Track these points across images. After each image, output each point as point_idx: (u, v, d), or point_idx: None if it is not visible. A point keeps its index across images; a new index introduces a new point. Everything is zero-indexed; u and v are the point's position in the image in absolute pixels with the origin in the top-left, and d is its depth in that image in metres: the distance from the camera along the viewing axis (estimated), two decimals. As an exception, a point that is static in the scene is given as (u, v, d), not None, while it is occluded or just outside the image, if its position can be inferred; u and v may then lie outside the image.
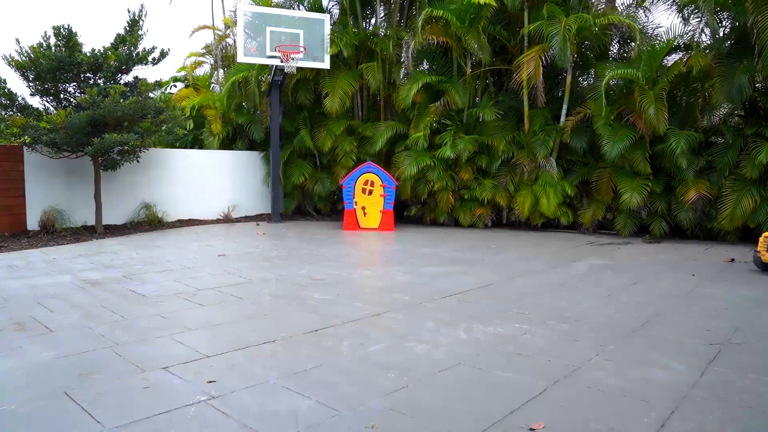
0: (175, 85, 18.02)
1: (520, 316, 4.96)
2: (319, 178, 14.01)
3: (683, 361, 3.80)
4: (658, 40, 10.96)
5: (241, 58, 12.47)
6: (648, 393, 3.24)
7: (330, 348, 4.06)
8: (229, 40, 16.89)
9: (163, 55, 11.18)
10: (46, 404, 3.06)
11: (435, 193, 12.49)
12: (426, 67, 13.42)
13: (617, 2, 12.17)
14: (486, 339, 4.29)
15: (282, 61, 12.23)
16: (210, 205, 13.66)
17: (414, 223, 13.48)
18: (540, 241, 10.30)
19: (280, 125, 13.52)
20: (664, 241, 10.35)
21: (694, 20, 10.60)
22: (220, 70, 16.94)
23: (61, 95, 10.73)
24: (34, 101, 10.72)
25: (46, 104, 10.81)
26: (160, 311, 5.08)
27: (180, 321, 4.76)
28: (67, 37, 9.98)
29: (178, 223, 12.75)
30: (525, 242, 10.18)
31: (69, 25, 10.02)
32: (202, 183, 13.60)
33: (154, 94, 11.78)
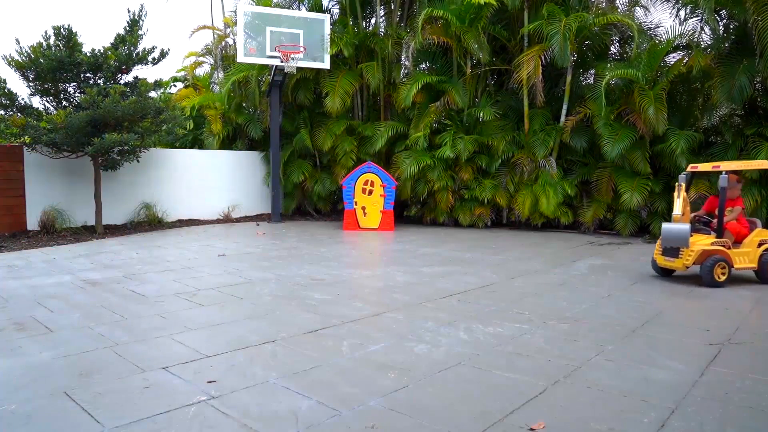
0: (175, 85, 18.03)
1: (520, 316, 4.96)
2: (319, 178, 14.01)
3: (683, 361, 3.79)
4: (658, 39, 10.96)
5: (241, 58, 12.47)
6: (648, 393, 3.24)
7: (330, 348, 4.06)
8: (229, 40, 16.89)
9: (163, 55, 11.18)
10: (46, 404, 3.06)
11: (435, 193, 12.49)
12: (426, 67, 13.43)
13: (617, 2, 12.17)
14: (486, 339, 4.29)
15: (282, 61, 12.23)
16: (210, 205, 13.66)
17: (414, 223, 13.48)
18: (540, 241, 10.29)
19: (280, 125, 13.52)
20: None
21: (694, 20, 10.62)
22: (220, 70, 16.94)
23: (61, 95, 10.73)
24: (34, 101, 10.73)
25: (46, 104, 10.81)
26: (160, 311, 5.07)
27: (180, 321, 4.75)
28: (67, 37, 9.98)
29: (178, 223, 12.75)
30: (525, 242, 10.17)
31: (69, 25, 10.03)
32: (202, 183, 13.60)
33: (154, 94, 11.78)
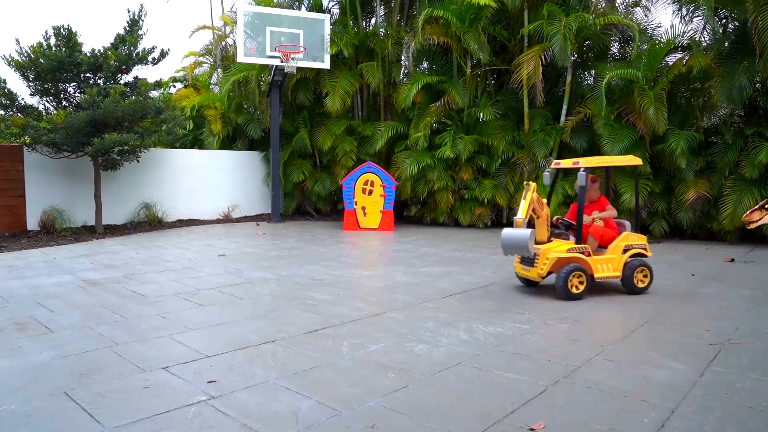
0: (175, 85, 18.04)
1: (520, 316, 4.96)
2: (319, 177, 14.01)
3: (683, 361, 3.79)
4: (658, 39, 10.95)
5: (241, 58, 12.48)
6: (648, 393, 3.24)
7: (330, 348, 4.06)
8: (229, 40, 16.89)
9: (163, 55, 11.19)
10: (46, 404, 3.06)
11: (435, 193, 12.49)
12: (426, 67, 13.43)
13: (617, 2, 12.17)
14: (486, 339, 4.29)
15: (282, 61, 12.23)
16: (210, 205, 13.66)
17: (414, 223, 13.48)
18: (540, 241, 10.28)
19: (280, 125, 13.52)
20: (664, 241, 10.34)
21: (694, 20, 10.62)
22: (220, 70, 16.94)
23: (61, 95, 10.74)
24: (34, 101, 10.73)
25: (46, 104, 10.82)
26: (160, 311, 5.07)
27: (180, 321, 4.75)
28: (67, 37, 9.98)
29: (178, 223, 12.75)
30: (525, 242, 10.16)
31: (69, 25, 10.04)
32: (202, 183, 13.59)
33: (154, 94, 11.79)
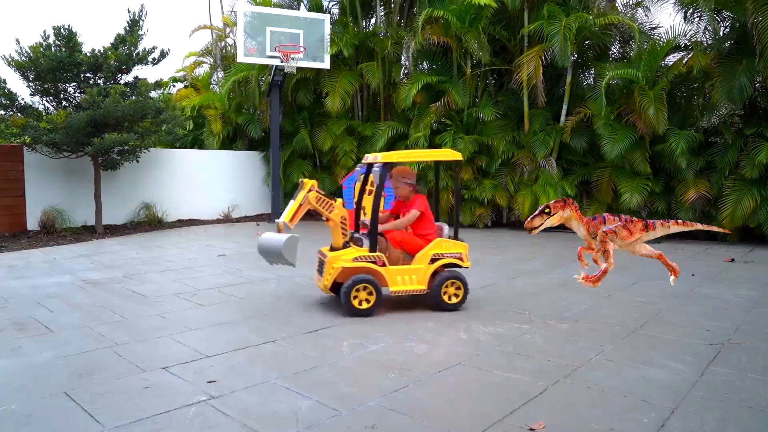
0: (175, 85, 18.04)
1: (520, 316, 4.96)
2: (319, 178, 14.01)
3: (683, 361, 3.79)
4: (658, 39, 10.95)
5: (241, 58, 12.48)
6: (648, 393, 3.24)
7: (330, 348, 4.06)
8: (229, 40, 16.90)
9: (163, 55, 11.19)
10: (46, 404, 3.06)
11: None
12: (426, 67, 13.43)
13: (617, 2, 12.18)
14: (486, 339, 4.29)
15: (282, 61, 12.23)
16: (210, 205, 13.66)
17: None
18: (540, 241, 10.29)
19: (280, 125, 13.52)
20: (664, 241, 10.34)
21: (694, 20, 10.61)
22: (220, 70, 16.94)
23: (61, 95, 10.74)
24: (35, 101, 10.74)
25: (46, 104, 10.82)
26: (161, 311, 5.08)
27: (180, 321, 4.75)
28: (67, 37, 9.98)
29: (178, 223, 12.75)
30: (525, 242, 10.17)
31: (69, 26, 10.04)
32: (202, 183, 13.59)
33: (154, 94, 11.79)
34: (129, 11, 11.12)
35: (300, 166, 13.98)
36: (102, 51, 10.34)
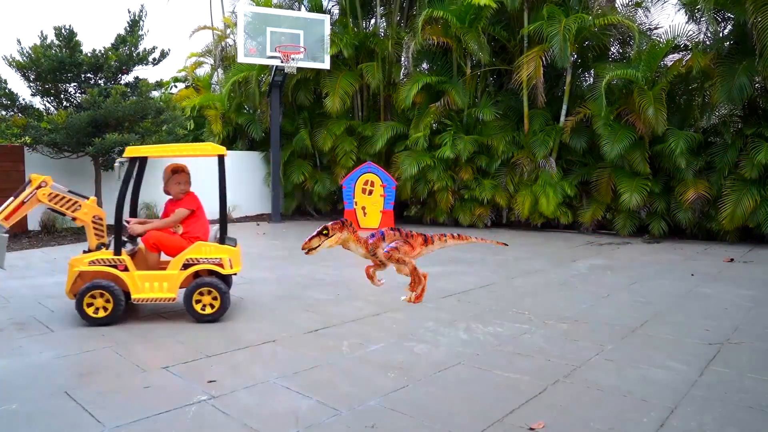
0: (176, 86, 18.05)
1: (520, 316, 4.96)
2: (319, 178, 14.01)
3: (683, 361, 3.80)
4: (658, 40, 10.96)
5: (241, 59, 12.48)
6: (648, 393, 3.25)
7: (330, 348, 4.06)
8: (229, 41, 16.90)
9: (164, 55, 11.20)
10: (47, 404, 3.07)
11: (435, 193, 12.49)
12: (426, 68, 13.44)
13: (617, 2, 12.18)
14: (486, 339, 4.30)
15: (282, 62, 12.24)
16: (210, 205, 13.62)
17: (414, 223, 13.47)
18: (540, 241, 10.30)
19: (280, 125, 13.52)
20: (664, 241, 10.35)
21: (694, 20, 10.61)
22: (220, 71, 16.95)
23: (62, 95, 10.74)
24: (35, 101, 10.75)
25: (47, 104, 10.82)
26: (161, 311, 5.08)
27: (180, 320, 4.76)
28: (68, 38, 9.99)
29: (179, 224, 12.74)
30: (525, 242, 10.18)
31: (70, 26, 10.05)
32: (202, 183, 13.50)
33: (155, 94, 11.80)
34: (129, 11, 11.14)
35: (300, 166, 13.98)
36: (102, 51, 10.35)
